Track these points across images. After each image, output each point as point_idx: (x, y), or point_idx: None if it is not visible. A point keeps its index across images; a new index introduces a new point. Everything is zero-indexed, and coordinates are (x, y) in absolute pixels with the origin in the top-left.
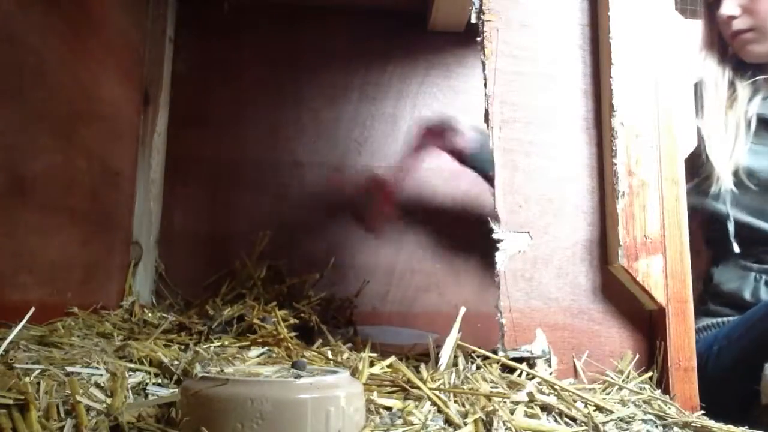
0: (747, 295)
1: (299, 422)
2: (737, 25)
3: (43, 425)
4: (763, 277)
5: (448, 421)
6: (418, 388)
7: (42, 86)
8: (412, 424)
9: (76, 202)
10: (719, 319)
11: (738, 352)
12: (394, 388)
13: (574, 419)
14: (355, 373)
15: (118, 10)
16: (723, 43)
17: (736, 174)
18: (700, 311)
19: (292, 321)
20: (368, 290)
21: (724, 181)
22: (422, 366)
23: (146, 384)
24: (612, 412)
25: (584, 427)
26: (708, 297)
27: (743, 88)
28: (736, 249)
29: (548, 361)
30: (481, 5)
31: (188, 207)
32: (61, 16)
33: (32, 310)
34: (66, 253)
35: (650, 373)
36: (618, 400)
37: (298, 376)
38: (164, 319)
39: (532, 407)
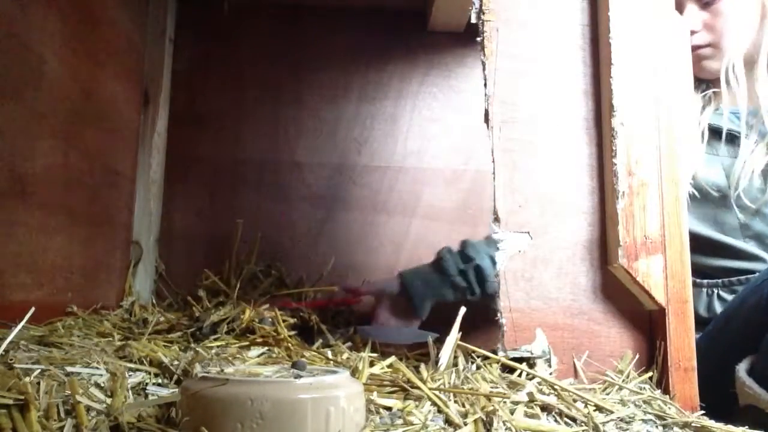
0: (702, 310)
1: (299, 422)
2: (696, 40)
3: (43, 425)
4: (715, 291)
5: (448, 421)
6: (418, 388)
7: (42, 86)
8: (412, 424)
9: (76, 202)
10: None
11: (708, 355)
12: (394, 388)
13: (574, 419)
14: (355, 373)
15: (118, 10)
16: None
17: (692, 183)
18: None
19: (291, 321)
20: None
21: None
22: (422, 366)
23: (146, 384)
24: (612, 412)
25: (584, 427)
26: None
27: (696, 100)
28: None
29: (548, 361)
30: (481, 5)
31: (188, 207)
32: (61, 16)
33: (32, 310)
34: (66, 253)
35: (650, 373)
36: (618, 400)
37: (298, 376)
38: (159, 319)
39: (532, 407)
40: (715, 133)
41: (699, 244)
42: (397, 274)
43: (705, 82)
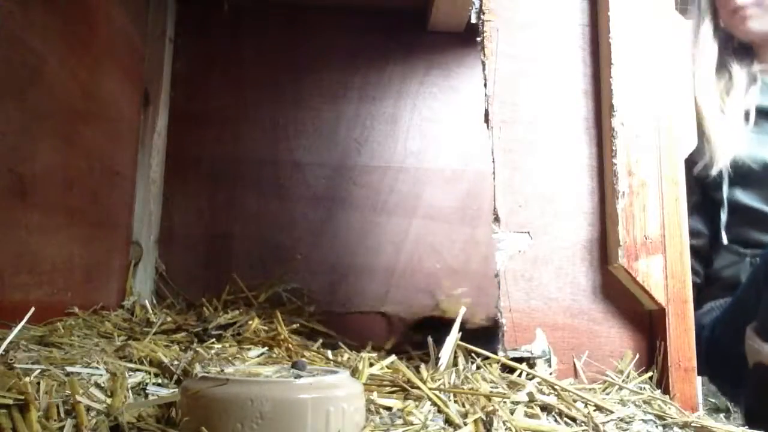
0: (744, 279)
1: (299, 422)
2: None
3: (43, 425)
4: (758, 260)
5: (448, 421)
6: (418, 388)
7: (42, 86)
8: (412, 424)
9: (76, 202)
10: (720, 301)
11: (726, 322)
12: (394, 388)
13: (574, 419)
14: (355, 373)
15: (118, 10)
16: (717, 25)
17: (737, 161)
18: (704, 295)
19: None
20: (368, 290)
21: (721, 165)
22: (422, 366)
23: (146, 384)
24: (612, 412)
25: (584, 427)
26: (710, 282)
27: (740, 75)
28: (725, 240)
29: (548, 361)
30: (481, 5)
31: (188, 207)
32: (61, 16)
33: (32, 310)
34: (66, 253)
35: (650, 373)
36: (618, 400)
37: (298, 376)
38: (165, 319)
39: (532, 407)
40: (762, 113)
41: (749, 217)
42: None
43: (747, 57)
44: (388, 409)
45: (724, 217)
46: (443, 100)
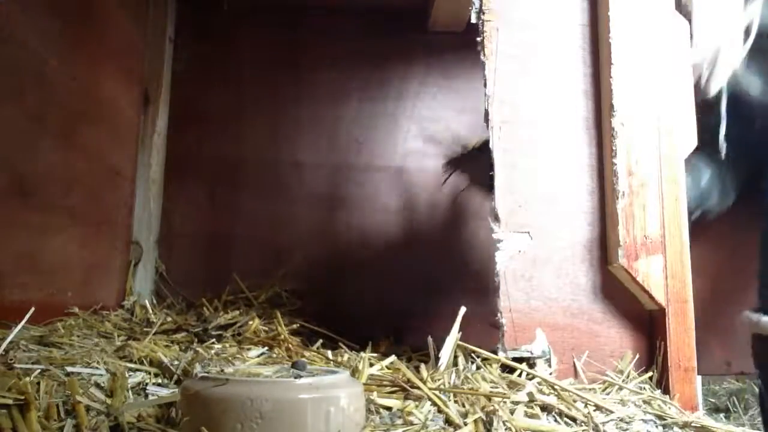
0: None
1: (299, 422)
2: None
3: (43, 425)
4: None
5: (448, 421)
6: (418, 388)
7: (42, 86)
8: (412, 424)
9: (76, 202)
10: None
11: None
12: (394, 388)
13: (574, 419)
14: (355, 373)
15: (119, 10)
16: None
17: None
18: None
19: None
20: (368, 290)
21: (721, 81)
22: (422, 366)
23: (146, 384)
24: (612, 412)
25: (584, 427)
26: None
27: None
28: (723, 151)
29: (548, 361)
30: (481, 5)
31: (188, 207)
32: (61, 17)
33: (32, 310)
34: (66, 253)
35: (650, 373)
36: (618, 400)
37: (298, 376)
38: (165, 319)
39: (532, 407)
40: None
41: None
42: None
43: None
44: (388, 409)
45: (722, 131)
46: (443, 100)
